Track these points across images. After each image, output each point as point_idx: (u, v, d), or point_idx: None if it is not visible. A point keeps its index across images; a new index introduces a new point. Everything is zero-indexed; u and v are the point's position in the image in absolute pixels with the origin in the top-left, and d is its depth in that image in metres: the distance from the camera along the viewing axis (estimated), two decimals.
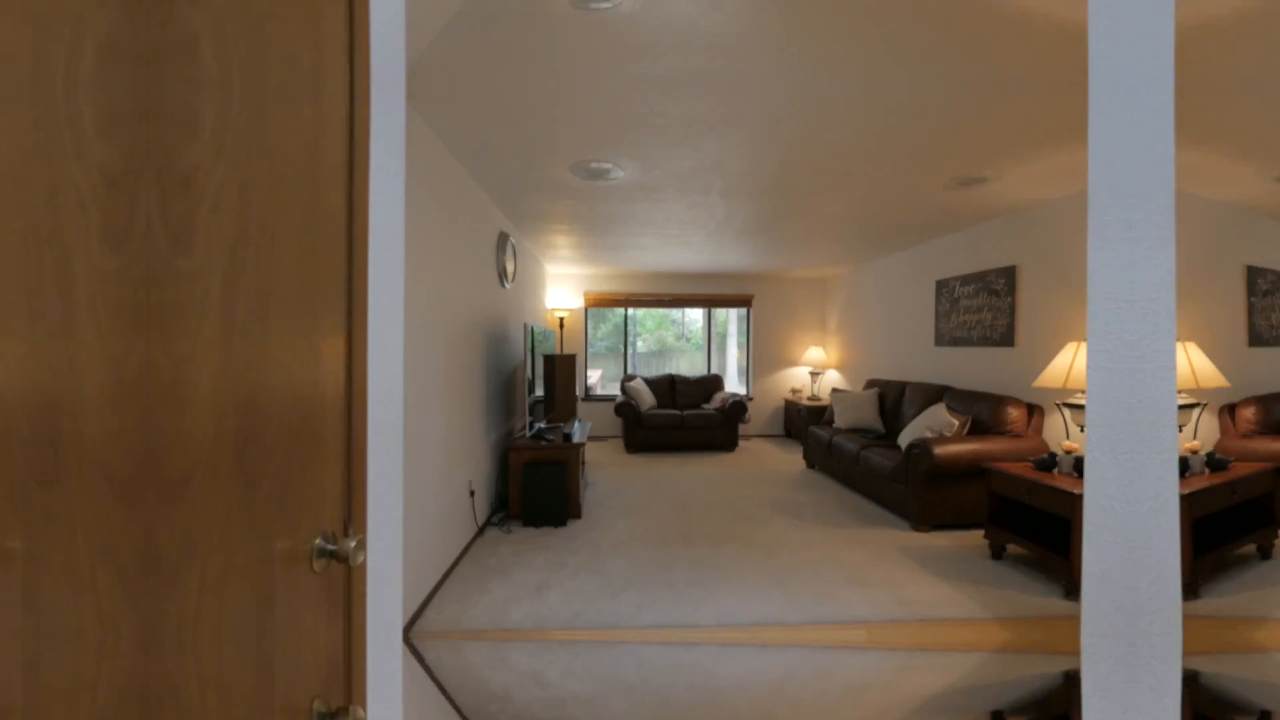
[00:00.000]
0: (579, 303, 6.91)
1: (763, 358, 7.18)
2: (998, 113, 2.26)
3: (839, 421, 4.91)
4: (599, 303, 6.91)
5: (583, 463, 4.21)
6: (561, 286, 6.86)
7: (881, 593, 2.61)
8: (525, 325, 3.55)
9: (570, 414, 4.81)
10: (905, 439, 3.83)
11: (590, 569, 2.86)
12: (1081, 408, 2.85)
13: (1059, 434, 3.37)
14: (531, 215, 3.97)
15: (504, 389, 4.03)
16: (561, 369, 4.78)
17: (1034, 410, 3.48)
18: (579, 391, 6.89)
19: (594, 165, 2.90)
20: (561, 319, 6.62)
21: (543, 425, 4.14)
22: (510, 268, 4.15)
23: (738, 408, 5.99)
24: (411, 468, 2.25)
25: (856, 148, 2.61)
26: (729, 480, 4.78)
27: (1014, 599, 2.55)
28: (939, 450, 3.31)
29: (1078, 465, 2.77)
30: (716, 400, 6.32)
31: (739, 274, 6.83)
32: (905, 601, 2.52)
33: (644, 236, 4.65)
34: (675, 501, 4.11)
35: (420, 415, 2.37)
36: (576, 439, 3.82)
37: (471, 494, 3.17)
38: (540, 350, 4.36)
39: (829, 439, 4.69)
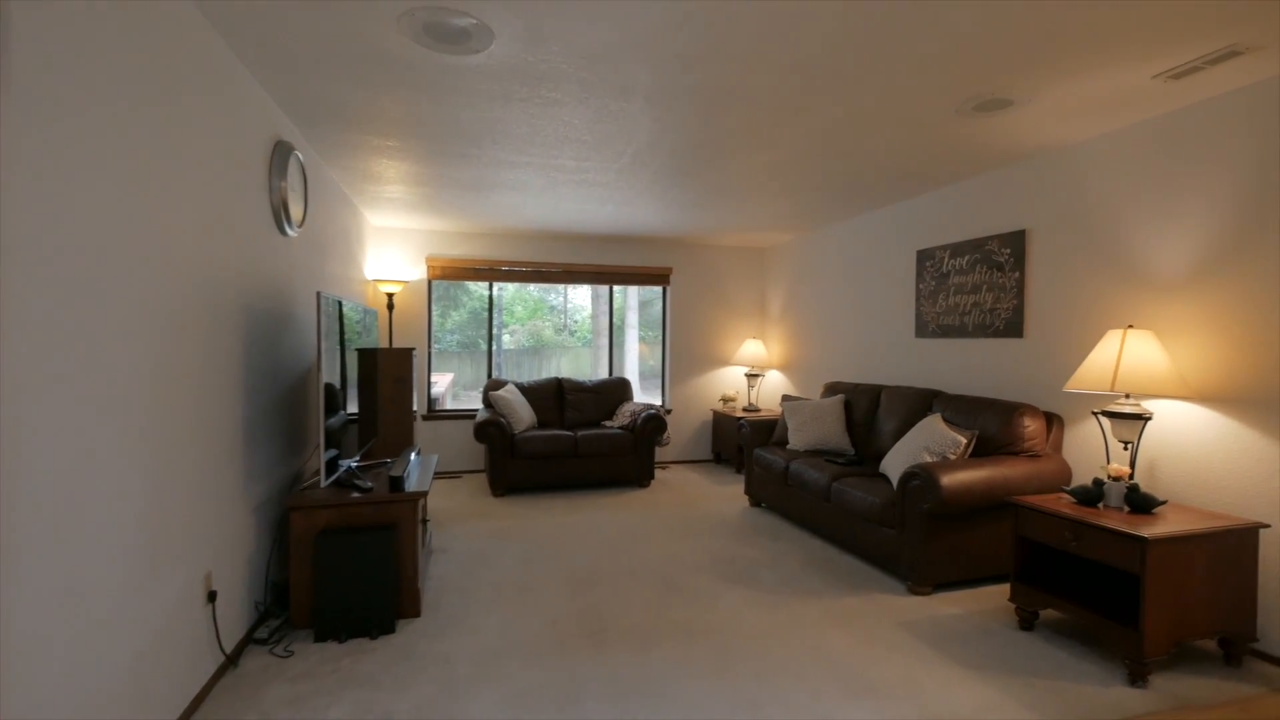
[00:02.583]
0: (419, 272, 6.00)
1: (684, 355, 6.82)
2: None
3: (794, 441, 4.63)
4: (450, 273, 6.05)
5: (424, 520, 3.43)
6: (391, 246, 5.90)
7: (896, 704, 2.24)
8: (319, 296, 2.70)
9: (403, 442, 3.99)
10: (894, 465, 3.59)
11: (438, 718, 2.15)
12: (1129, 417, 2.74)
13: (1087, 451, 3.31)
14: (335, 115, 3.10)
15: (283, 406, 3.11)
16: (389, 371, 3.94)
17: (1053, 421, 3.40)
18: (418, 406, 5.97)
19: (447, 20, 2.19)
20: (390, 295, 5.67)
21: (354, 464, 3.29)
22: (296, 204, 3.24)
23: (653, 424, 5.53)
24: (49, 567, 1.40)
25: (845, 39, 2.20)
26: (648, 531, 4.27)
27: (1069, 693, 2.32)
28: (947, 480, 3.07)
29: (1130, 497, 2.64)
30: (624, 414, 5.81)
31: (654, 238, 6.39)
32: (932, 717, 2.16)
33: (523, 170, 3.96)
34: (573, 573, 3.49)
35: (77, 462, 1.51)
36: (413, 484, 3.04)
37: (211, 597, 2.28)
38: (354, 341, 3.48)
39: (784, 466, 4.38)
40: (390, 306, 5.70)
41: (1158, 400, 2.93)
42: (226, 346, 2.41)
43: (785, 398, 5.11)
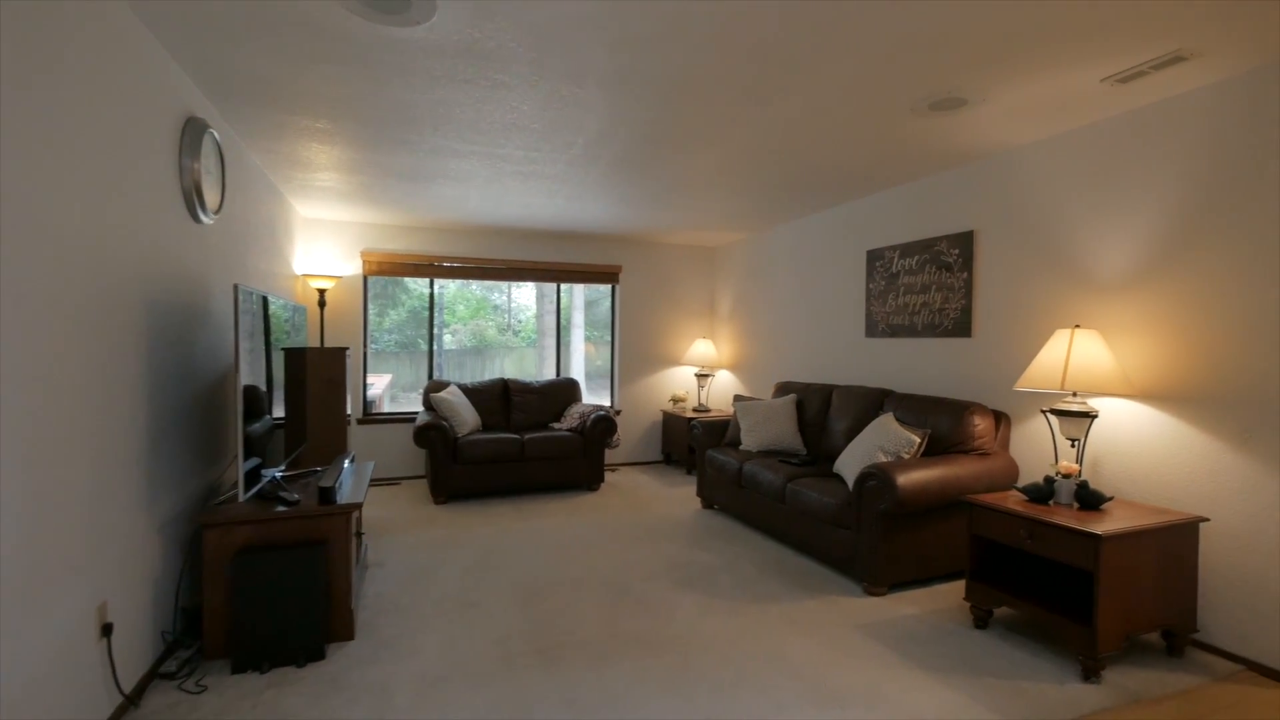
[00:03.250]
0: (354, 268, 5.65)
1: (633, 355, 6.70)
2: None
3: (747, 442, 4.58)
4: (388, 269, 5.73)
5: (358, 534, 3.18)
6: (323, 239, 5.54)
7: (861, 713, 2.17)
8: (237, 289, 2.43)
9: (336, 449, 3.71)
10: (849, 465, 3.57)
11: None
12: (1077, 415, 2.78)
13: (1033, 449, 3.37)
14: (257, 91, 2.82)
15: (197, 410, 2.81)
16: (320, 372, 3.66)
17: (1000, 419, 3.45)
18: (352, 409, 5.64)
19: None
20: (322, 291, 5.31)
21: (280, 474, 3.01)
22: (212, 188, 2.94)
23: (602, 426, 5.38)
24: None
25: (805, 21, 2.13)
26: (600, 537, 4.12)
27: (1028, 692, 2.31)
28: (903, 480, 3.05)
29: (1080, 494, 2.68)
30: (572, 416, 5.64)
31: (603, 235, 6.25)
32: None
33: (467, 159, 3.75)
34: (521, 584, 3.31)
35: None
36: (346, 495, 2.79)
37: (106, 630, 2.00)
38: (282, 340, 3.20)
39: (739, 467, 4.32)
40: (322, 304, 5.34)
41: (1103, 398, 3.00)
42: (126, 344, 2.13)
43: (737, 398, 5.06)
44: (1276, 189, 2.42)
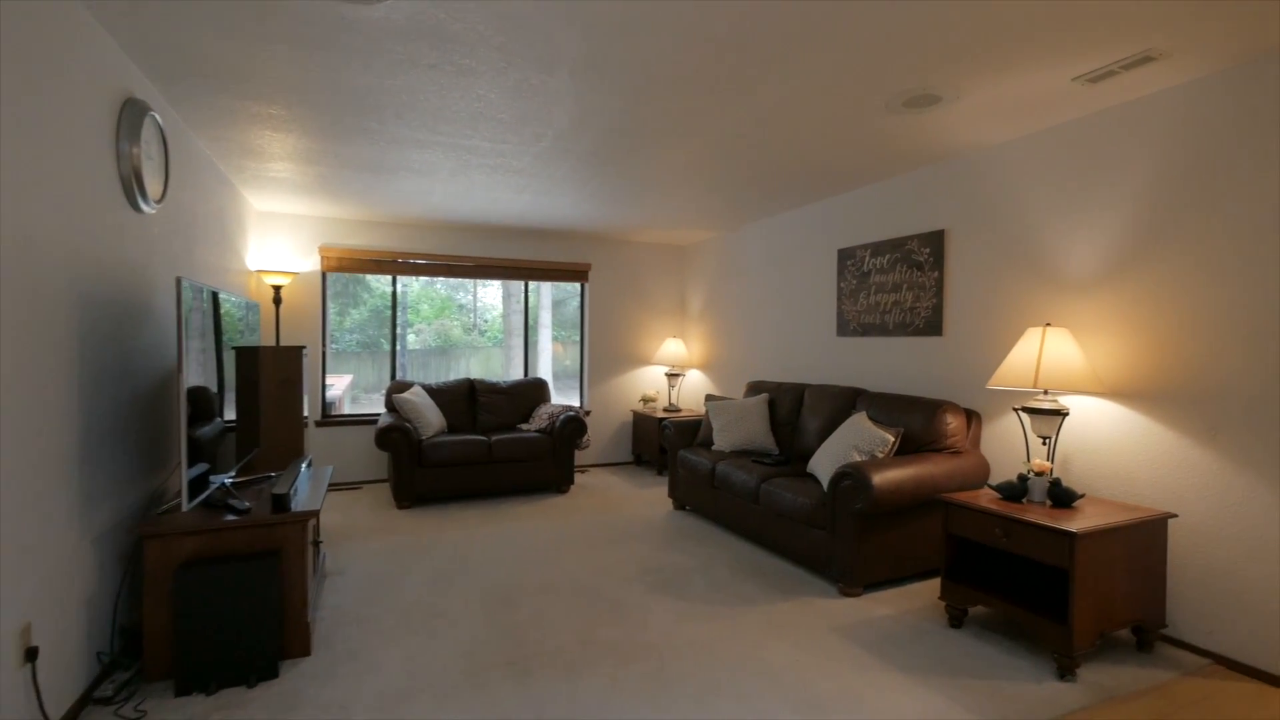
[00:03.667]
0: (311, 264, 5.43)
1: (602, 354, 6.60)
2: None
3: (719, 442, 4.53)
4: (348, 265, 5.52)
5: (316, 542, 3.02)
6: (279, 234, 5.30)
7: (842, 718, 2.12)
8: (179, 282, 2.26)
9: (292, 452, 3.53)
10: (823, 464, 3.54)
11: None
12: (1048, 413, 2.79)
13: (1003, 447, 3.38)
14: (202, 72, 2.65)
15: (138, 413, 2.62)
16: (274, 372, 3.49)
17: (972, 417, 3.46)
18: (310, 411, 5.42)
19: None
20: (278, 288, 5.09)
21: (230, 480, 2.84)
22: (154, 175, 2.75)
23: (572, 426, 5.27)
24: None
25: (784, 6, 2.08)
26: (570, 540, 4.02)
27: (1006, 692, 2.30)
28: (879, 479, 3.03)
29: (1053, 492, 2.68)
30: (541, 417, 5.51)
31: (573, 232, 6.14)
32: None
33: (431, 150, 3.61)
34: (489, 592, 3.19)
35: None
36: (302, 501, 2.64)
37: (30, 654, 1.82)
38: (236, 339, 3.03)
39: (711, 468, 4.26)
40: (277, 301, 5.11)
41: (1073, 396, 3.02)
42: (56, 341, 1.95)
43: (709, 397, 5.00)
44: (1242, 189, 2.45)
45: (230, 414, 2.92)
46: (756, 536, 3.84)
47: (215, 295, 2.78)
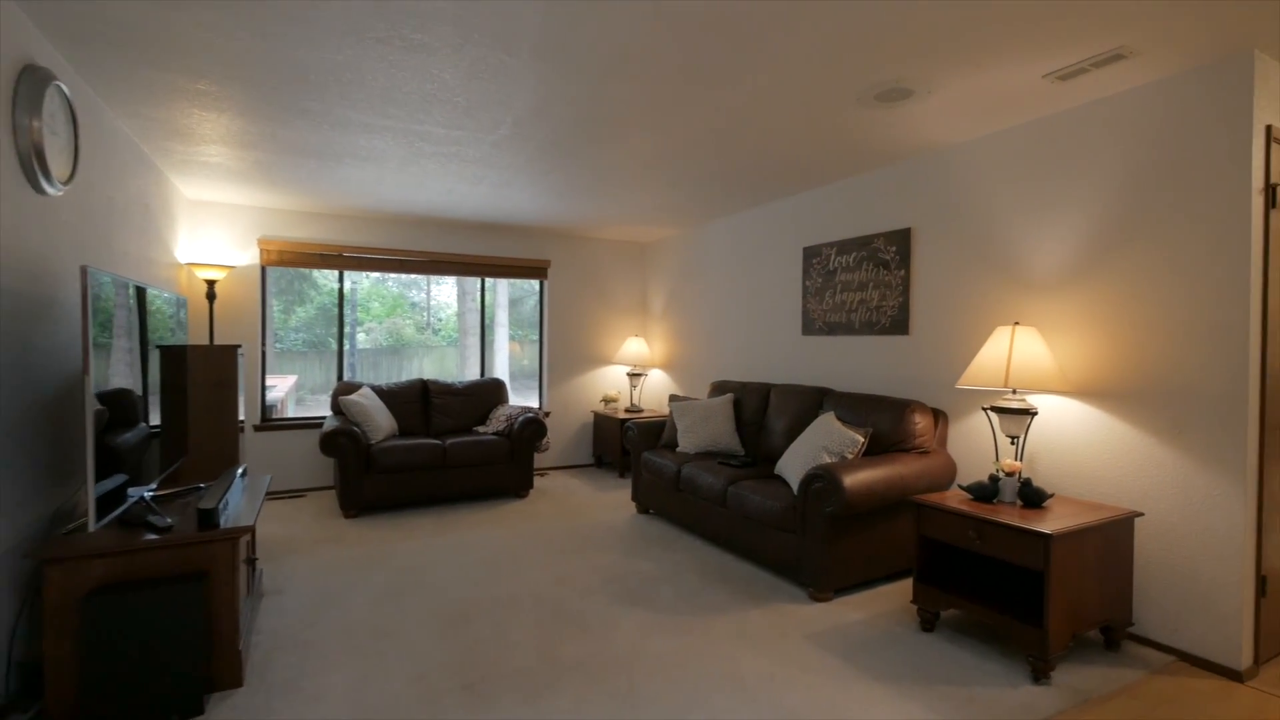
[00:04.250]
0: (249, 257, 5.08)
1: (562, 354, 6.42)
2: None
3: (684, 443, 4.41)
4: (290, 259, 5.19)
5: (250, 560, 2.77)
6: (212, 224, 4.94)
7: None
8: (85, 271, 2.00)
9: (225, 460, 3.26)
10: (792, 466, 3.46)
11: None
12: (1017, 413, 2.77)
13: (970, 447, 3.36)
14: (115, 38, 2.37)
15: (42, 420, 2.33)
16: (206, 373, 3.21)
17: (939, 417, 3.44)
18: (247, 414, 5.08)
19: None
20: (211, 283, 4.74)
21: (151, 493, 2.57)
22: (59, 153, 2.46)
23: (531, 428, 5.08)
24: None
25: (760, 6, 1.97)
26: (530, 549, 3.84)
27: (982, 698, 2.25)
28: (850, 481, 2.96)
29: (1023, 492, 2.66)
30: (498, 419, 5.30)
31: (531, 227, 5.93)
32: None
33: (380, 135, 3.37)
34: (444, 608, 2.99)
35: None
36: (233, 515, 2.40)
37: None
38: (165, 337, 2.75)
39: (676, 470, 4.14)
40: (211, 296, 4.75)
41: (1040, 395, 3.01)
42: None
43: (673, 397, 4.89)
44: (1210, 188, 2.46)
45: (153, 419, 2.64)
46: (724, 541, 3.74)
47: (139, 289, 2.51)
